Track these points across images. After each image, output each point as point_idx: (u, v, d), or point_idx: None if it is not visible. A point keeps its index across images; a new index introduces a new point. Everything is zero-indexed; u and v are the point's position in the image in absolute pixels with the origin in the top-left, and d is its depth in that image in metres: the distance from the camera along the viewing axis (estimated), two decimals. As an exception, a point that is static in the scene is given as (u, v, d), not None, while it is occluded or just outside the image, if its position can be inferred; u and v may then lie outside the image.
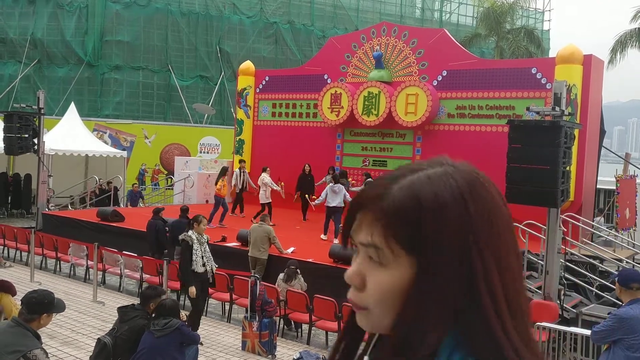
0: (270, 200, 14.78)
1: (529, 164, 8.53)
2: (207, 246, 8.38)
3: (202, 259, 8.22)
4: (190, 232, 8.25)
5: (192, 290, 8.10)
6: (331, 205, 12.47)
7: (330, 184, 12.71)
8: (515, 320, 0.82)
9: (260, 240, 10.46)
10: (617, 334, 4.73)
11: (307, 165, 15.77)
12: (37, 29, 25.90)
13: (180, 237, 8.40)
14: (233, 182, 15.67)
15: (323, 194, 12.83)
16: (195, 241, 8.16)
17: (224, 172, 14.92)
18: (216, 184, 14.76)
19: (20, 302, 4.42)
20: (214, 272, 8.53)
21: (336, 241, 11.96)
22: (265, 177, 14.93)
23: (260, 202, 14.66)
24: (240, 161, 16.52)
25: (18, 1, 25.92)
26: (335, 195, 12.47)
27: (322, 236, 12.97)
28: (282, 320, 9.13)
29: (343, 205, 12.30)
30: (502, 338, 0.80)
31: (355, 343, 0.95)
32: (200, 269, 8.19)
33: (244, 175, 15.81)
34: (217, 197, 14.52)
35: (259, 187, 15.19)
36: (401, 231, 0.82)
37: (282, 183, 15.67)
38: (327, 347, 8.63)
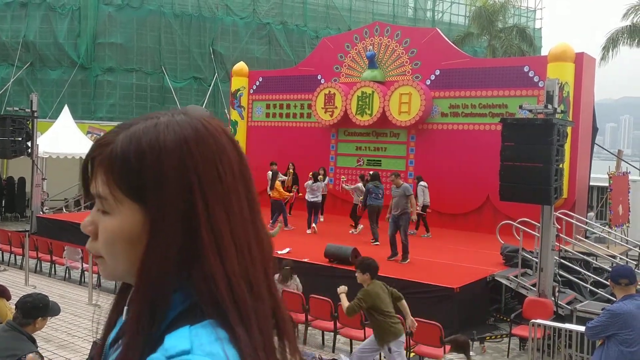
0: None
1: (522, 162, 8.57)
2: None
3: None
4: None
5: None
6: (311, 200, 14.05)
7: (310, 182, 14.11)
8: (244, 263, 0.84)
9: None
10: (611, 329, 4.77)
11: (291, 164, 15.81)
12: (30, 31, 25.77)
13: None
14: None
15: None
16: None
17: (276, 175, 14.65)
18: (272, 188, 14.32)
19: (14, 307, 4.41)
20: None
21: (314, 228, 13.98)
22: None
23: None
24: (272, 163, 15.35)
25: (10, 4, 25.79)
26: (314, 192, 14.06)
27: (308, 230, 14.01)
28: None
29: (320, 200, 14.39)
30: (220, 280, 0.80)
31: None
32: None
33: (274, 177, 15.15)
34: (277, 201, 14.19)
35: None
36: (123, 177, 0.83)
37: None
38: (324, 347, 8.65)
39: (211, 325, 0.79)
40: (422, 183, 14.03)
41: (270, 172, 14.96)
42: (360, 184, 14.06)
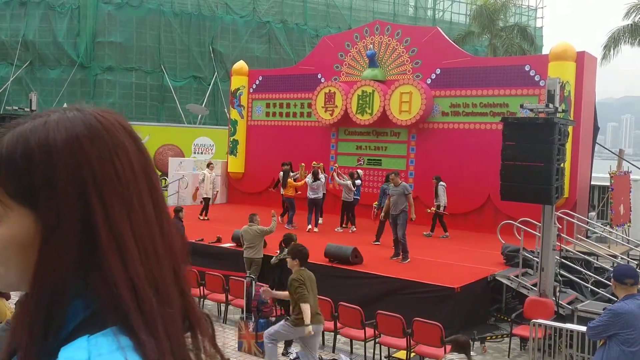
0: (209, 196, 15.71)
1: (523, 161, 8.55)
2: None
3: None
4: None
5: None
6: (312, 197, 14.10)
7: (309, 180, 14.13)
8: (149, 264, 0.80)
9: (253, 240, 10.43)
10: (613, 329, 4.75)
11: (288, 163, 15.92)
12: (29, 30, 25.75)
13: (277, 260, 8.53)
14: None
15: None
16: None
17: (287, 174, 14.86)
18: (285, 186, 14.60)
19: (14, 306, 4.38)
20: None
21: (316, 230, 14.05)
22: (206, 174, 15.78)
23: (203, 196, 15.50)
24: (284, 164, 15.41)
25: (9, 3, 25.77)
26: (315, 190, 14.07)
27: (308, 227, 14.10)
28: (278, 320, 9.11)
29: (321, 197, 14.39)
30: (121, 283, 0.76)
31: None
32: None
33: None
34: (290, 199, 14.58)
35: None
36: (10, 180, 0.78)
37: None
38: (324, 347, 8.62)
39: (113, 333, 0.74)
40: (442, 183, 13.94)
41: (282, 173, 15.15)
42: (349, 182, 14.07)
